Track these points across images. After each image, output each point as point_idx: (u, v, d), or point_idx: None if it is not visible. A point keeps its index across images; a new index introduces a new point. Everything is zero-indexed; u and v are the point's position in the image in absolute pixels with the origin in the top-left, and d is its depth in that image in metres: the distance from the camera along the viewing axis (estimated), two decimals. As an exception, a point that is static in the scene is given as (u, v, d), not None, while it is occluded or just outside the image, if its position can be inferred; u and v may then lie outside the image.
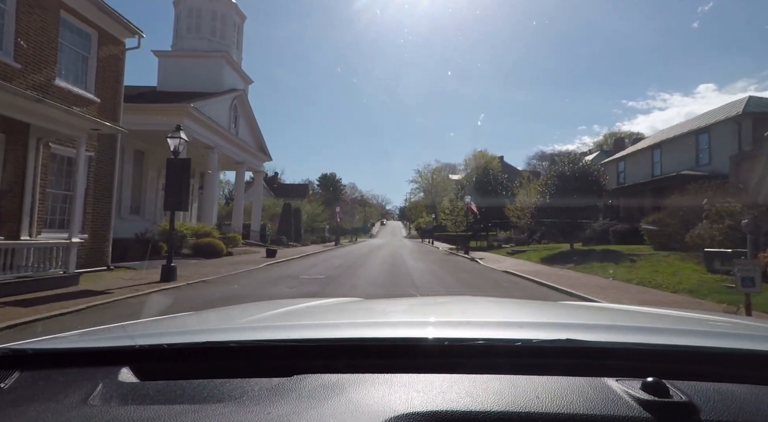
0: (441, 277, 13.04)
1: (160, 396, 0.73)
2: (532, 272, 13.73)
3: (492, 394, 0.71)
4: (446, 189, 62.97)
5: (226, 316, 1.51)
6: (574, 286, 10.27)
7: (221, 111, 22.89)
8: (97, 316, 6.57)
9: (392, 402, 0.69)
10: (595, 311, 1.66)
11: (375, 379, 0.77)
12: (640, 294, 9.20)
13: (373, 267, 15.71)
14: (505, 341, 0.88)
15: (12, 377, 0.81)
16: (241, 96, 25.12)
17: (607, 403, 0.68)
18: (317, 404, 0.68)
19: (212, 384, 0.76)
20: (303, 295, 8.65)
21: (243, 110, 25.80)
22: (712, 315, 1.59)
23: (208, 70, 22.85)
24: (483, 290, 10.12)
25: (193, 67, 22.70)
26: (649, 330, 1.10)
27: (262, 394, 0.72)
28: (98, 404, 0.71)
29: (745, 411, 0.68)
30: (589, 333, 0.93)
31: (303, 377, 0.77)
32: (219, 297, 8.19)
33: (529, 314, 1.42)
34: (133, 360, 0.85)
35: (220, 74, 23.13)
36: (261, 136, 28.52)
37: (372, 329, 1.08)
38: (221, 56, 23.04)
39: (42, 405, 0.70)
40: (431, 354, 0.86)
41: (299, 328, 1.14)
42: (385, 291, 9.73)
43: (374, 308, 1.70)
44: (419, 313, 1.53)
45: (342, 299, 1.97)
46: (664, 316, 1.46)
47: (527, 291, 10.17)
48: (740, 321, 1.55)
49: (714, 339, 0.99)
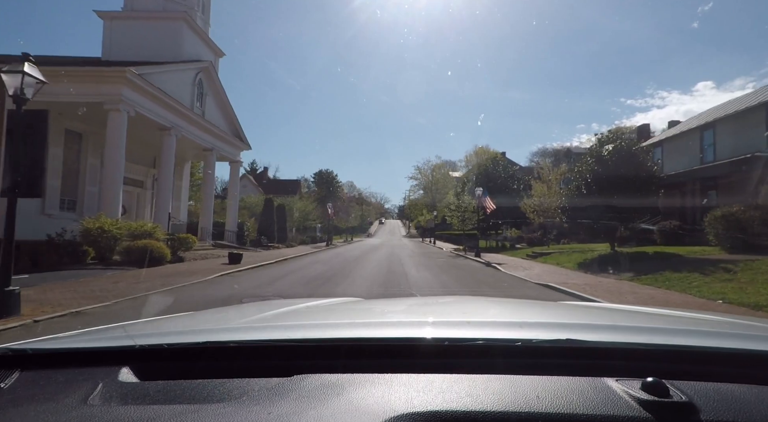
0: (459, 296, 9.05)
1: (160, 396, 0.73)
2: (583, 287, 9.78)
3: (492, 394, 0.71)
4: (447, 186, 60.93)
5: (226, 316, 1.50)
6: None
7: (181, 85, 18.85)
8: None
9: (392, 402, 0.69)
10: (595, 312, 1.64)
11: (375, 379, 0.77)
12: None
13: (361, 279, 11.70)
14: (505, 341, 0.88)
15: (12, 377, 0.81)
16: (209, 70, 21.06)
17: (607, 403, 0.67)
18: (317, 404, 0.68)
19: (212, 384, 0.76)
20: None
21: (211, 87, 21.74)
22: (712, 315, 1.47)
23: (163, 35, 18.77)
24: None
25: (145, 31, 18.62)
26: (649, 330, 1.10)
27: (262, 394, 0.72)
28: (98, 404, 0.70)
29: (745, 411, 0.67)
30: (589, 333, 0.94)
31: (303, 377, 0.77)
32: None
33: (529, 315, 1.41)
34: (133, 360, 0.86)
35: (179, 40, 19.05)
36: (236, 120, 24.46)
37: (372, 329, 1.07)
38: (180, 17, 18.93)
39: (42, 405, 0.70)
40: (431, 354, 0.86)
41: (299, 328, 1.13)
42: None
43: (374, 308, 1.69)
44: (419, 313, 1.52)
45: (342, 299, 1.96)
46: (664, 316, 1.47)
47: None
48: (740, 321, 1.45)
49: (714, 339, 0.98)
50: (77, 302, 7.07)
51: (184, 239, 14.02)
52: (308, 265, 15.82)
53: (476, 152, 65.64)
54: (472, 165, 58.00)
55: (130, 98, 15.02)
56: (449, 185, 59.40)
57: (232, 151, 24.73)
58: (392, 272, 13.33)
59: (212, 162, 22.46)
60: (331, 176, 78.71)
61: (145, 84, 15.60)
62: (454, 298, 3.32)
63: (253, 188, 52.10)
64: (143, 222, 14.44)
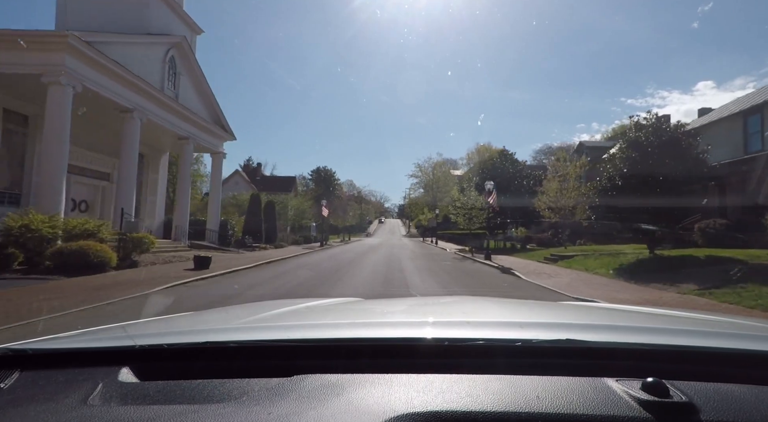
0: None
1: (160, 396, 0.73)
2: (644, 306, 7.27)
3: (492, 394, 0.70)
4: (448, 184, 59.16)
5: (225, 316, 1.49)
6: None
7: (148, 62, 16.34)
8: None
9: (392, 402, 0.68)
10: (596, 312, 1.63)
11: (375, 379, 0.77)
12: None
13: (352, 291, 9.20)
14: (505, 341, 0.88)
15: (12, 377, 0.81)
16: (182, 46, 18.54)
17: (607, 403, 0.67)
18: (317, 404, 0.68)
19: (212, 384, 0.76)
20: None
21: (186, 66, 19.22)
22: (712, 315, 1.46)
23: (128, 5, 16.26)
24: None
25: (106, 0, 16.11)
26: (649, 330, 1.10)
27: (262, 394, 0.72)
28: (98, 404, 0.70)
29: (745, 411, 0.67)
30: (589, 333, 0.93)
31: (303, 377, 0.77)
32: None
33: (529, 315, 1.40)
34: (133, 360, 0.85)
35: (145, 10, 16.52)
36: (218, 107, 21.94)
37: (372, 329, 1.07)
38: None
39: (42, 405, 0.69)
40: (431, 354, 0.86)
41: (299, 328, 1.13)
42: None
43: (374, 308, 1.69)
44: (419, 313, 1.52)
45: (341, 299, 1.94)
46: (664, 316, 1.47)
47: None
48: (740, 321, 1.47)
49: (714, 339, 0.98)
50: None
51: (138, 239, 11.50)
52: (291, 271, 13.32)
53: (478, 150, 64.06)
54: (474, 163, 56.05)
55: (76, 70, 12.51)
56: (451, 184, 57.57)
57: (213, 141, 22.23)
58: (390, 283, 10.82)
59: (189, 153, 19.96)
60: (329, 173, 76.11)
61: (96, 55, 13.09)
62: (454, 298, 3.21)
63: (245, 185, 49.55)
64: (85, 219, 11.91)
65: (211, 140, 22.02)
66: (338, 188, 77.89)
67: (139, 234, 11.80)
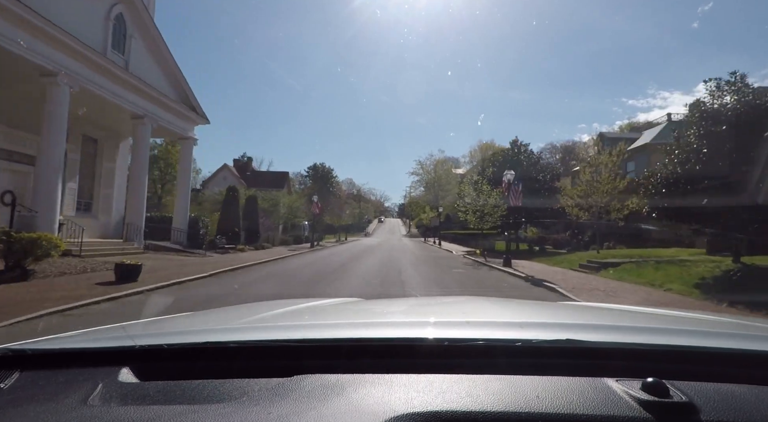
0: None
1: (160, 396, 0.72)
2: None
3: (492, 394, 0.70)
4: (450, 183, 55.98)
5: (225, 316, 1.46)
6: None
7: (84, 17, 12.94)
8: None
9: (392, 403, 0.68)
10: (596, 312, 1.62)
11: (375, 379, 0.76)
12: None
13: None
14: (505, 341, 0.87)
15: (12, 377, 0.80)
16: (134, 3, 15.11)
17: (607, 403, 0.67)
18: (317, 404, 0.68)
19: (212, 384, 0.75)
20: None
21: (141, 29, 15.79)
22: (712, 315, 1.45)
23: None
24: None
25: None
26: (649, 330, 1.09)
27: (262, 394, 0.71)
28: (98, 404, 0.70)
29: (745, 411, 0.66)
30: (590, 333, 0.92)
31: (303, 377, 0.76)
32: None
33: (530, 315, 1.39)
34: (134, 360, 0.84)
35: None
36: (185, 83, 18.52)
37: (372, 329, 1.04)
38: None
39: (42, 405, 0.69)
40: (431, 354, 0.85)
41: (299, 328, 1.12)
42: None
43: (374, 308, 1.67)
44: (419, 313, 1.51)
45: (341, 299, 1.92)
46: (664, 316, 1.46)
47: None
48: (740, 321, 1.45)
49: (714, 339, 0.97)
50: None
51: (32, 241, 8.14)
52: (254, 282, 9.91)
53: (481, 148, 60.99)
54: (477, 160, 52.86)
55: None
56: (453, 182, 54.33)
57: (180, 124, 18.82)
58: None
59: (144, 134, 16.52)
60: (326, 170, 72.59)
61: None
62: (455, 298, 3.20)
63: (234, 181, 46.03)
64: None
65: (178, 123, 18.61)
66: (336, 186, 74.46)
67: (36, 234, 8.46)
